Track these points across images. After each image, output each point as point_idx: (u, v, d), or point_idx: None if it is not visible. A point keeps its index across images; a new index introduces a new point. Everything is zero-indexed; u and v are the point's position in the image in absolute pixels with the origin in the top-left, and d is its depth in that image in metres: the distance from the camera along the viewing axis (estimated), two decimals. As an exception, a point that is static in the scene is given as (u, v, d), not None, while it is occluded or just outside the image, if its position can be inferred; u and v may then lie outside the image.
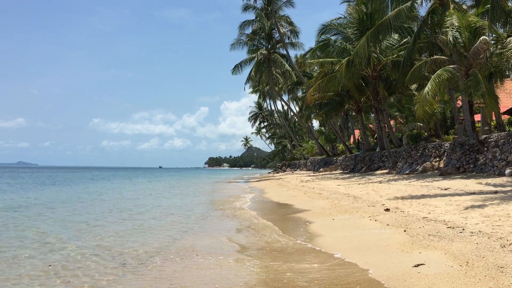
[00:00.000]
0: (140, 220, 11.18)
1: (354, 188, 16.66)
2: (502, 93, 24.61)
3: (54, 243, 7.81)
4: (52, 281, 5.44)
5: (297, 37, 48.63)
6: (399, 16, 21.33)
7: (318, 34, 28.63)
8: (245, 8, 47.82)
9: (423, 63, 19.00)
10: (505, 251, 5.18)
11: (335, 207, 11.60)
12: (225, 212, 12.86)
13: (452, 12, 17.88)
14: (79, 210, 13.75)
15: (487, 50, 16.71)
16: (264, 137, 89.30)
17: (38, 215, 12.10)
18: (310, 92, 28.75)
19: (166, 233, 9.04)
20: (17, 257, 6.68)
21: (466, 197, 10.09)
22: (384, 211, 9.57)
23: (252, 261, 6.28)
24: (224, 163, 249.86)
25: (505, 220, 6.88)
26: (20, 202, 16.40)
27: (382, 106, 26.87)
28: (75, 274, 5.73)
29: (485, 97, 15.51)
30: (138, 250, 7.16)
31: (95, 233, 9.01)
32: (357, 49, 22.40)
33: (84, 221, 10.96)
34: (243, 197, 18.95)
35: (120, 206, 15.33)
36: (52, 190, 24.70)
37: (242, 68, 48.87)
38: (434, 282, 4.48)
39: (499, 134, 16.62)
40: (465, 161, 17.77)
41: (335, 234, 7.88)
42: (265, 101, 71.18)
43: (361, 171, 28.98)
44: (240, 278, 5.42)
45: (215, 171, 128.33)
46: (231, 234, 8.77)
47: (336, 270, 5.48)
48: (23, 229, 9.48)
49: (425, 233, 6.68)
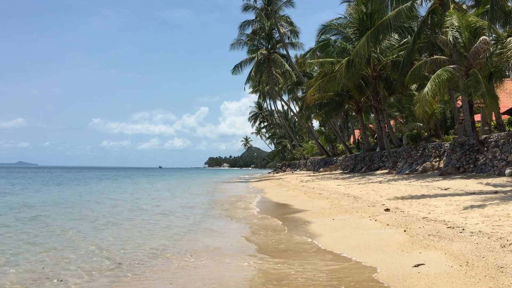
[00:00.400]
0: (140, 220, 11.19)
1: (354, 188, 16.66)
2: (502, 93, 24.60)
3: (60, 240, 7.83)
4: (48, 281, 5.44)
5: (297, 37, 48.71)
6: (399, 16, 21.34)
7: (318, 34, 28.67)
8: (245, 8, 47.86)
9: (423, 63, 19.00)
10: (505, 251, 5.18)
11: (335, 207, 11.60)
12: (225, 213, 12.86)
13: (452, 12, 17.88)
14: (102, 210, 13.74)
15: (487, 50, 16.72)
16: (264, 137, 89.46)
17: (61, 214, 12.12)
18: (310, 92, 28.76)
19: (166, 233, 9.05)
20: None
21: (466, 197, 10.09)
22: (384, 211, 9.57)
23: (252, 259, 6.28)
24: (224, 163, 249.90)
25: (505, 220, 6.88)
26: (50, 201, 16.36)
27: (382, 106, 26.87)
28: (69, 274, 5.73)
29: (485, 97, 15.52)
30: (136, 252, 7.16)
31: (95, 234, 9.01)
32: (357, 49, 22.41)
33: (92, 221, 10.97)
34: (243, 197, 18.97)
35: (123, 206, 15.34)
36: (64, 190, 24.70)
37: (242, 68, 48.91)
38: (434, 282, 4.48)
39: (499, 134, 16.62)
40: (465, 161, 17.77)
41: (335, 234, 7.88)
42: (265, 101, 71.21)
43: (361, 171, 28.99)
44: (241, 277, 5.42)
45: (215, 171, 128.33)
46: (231, 234, 8.78)
47: (338, 269, 5.48)
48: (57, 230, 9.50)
49: (425, 233, 6.68)
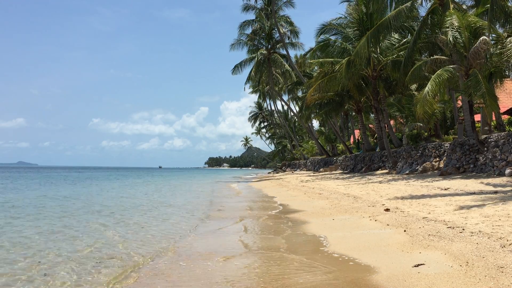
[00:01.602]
0: (138, 221, 11.18)
1: (354, 188, 16.66)
2: (502, 93, 24.63)
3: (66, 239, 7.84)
4: (44, 280, 5.44)
5: (297, 37, 48.73)
6: (399, 16, 21.35)
7: (318, 34, 28.69)
8: (245, 8, 47.88)
9: (423, 63, 19.00)
10: (505, 251, 5.18)
11: (335, 207, 11.60)
12: (224, 213, 12.85)
13: (452, 12, 17.88)
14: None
15: (487, 50, 16.72)
16: (264, 137, 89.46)
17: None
18: (310, 92, 28.76)
19: (165, 233, 9.05)
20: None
21: (466, 197, 10.09)
22: (384, 211, 9.57)
23: (249, 260, 6.28)
24: (224, 163, 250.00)
25: (505, 220, 6.88)
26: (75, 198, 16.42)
27: (382, 106, 26.87)
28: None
29: (485, 97, 15.52)
30: (136, 251, 7.17)
31: (94, 234, 9.01)
32: (357, 49, 22.42)
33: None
34: (243, 197, 18.96)
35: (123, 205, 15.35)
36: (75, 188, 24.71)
37: (242, 68, 48.96)
38: (434, 282, 4.47)
39: (499, 134, 16.62)
40: (465, 161, 17.77)
41: (335, 234, 7.87)
42: (265, 101, 71.23)
43: (361, 171, 28.98)
44: (237, 277, 5.42)
45: (215, 171, 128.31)
46: (230, 234, 8.77)
47: (337, 269, 5.48)
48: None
49: (425, 233, 6.67)
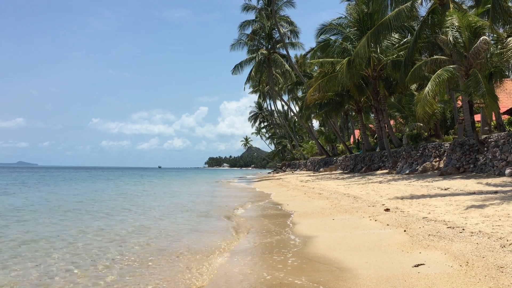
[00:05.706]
0: (137, 220, 11.18)
1: (354, 188, 16.65)
2: (502, 93, 24.65)
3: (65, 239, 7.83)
4: (43, 279, 5.45)
5: (297, 37, 48.75)
6: (399, 16, 21.34)
7: (318, 34, 28.69)
8: (245, 8, 47.92)
9: (423, 63, 19.00)
10: (505, 251, 5.18)
11: (335, 207, 11.59)
12: (224, 213, 12.85)
13: (452, 12, 17.87)
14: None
15: (487, 50, 16.70)
16: (264, 137, 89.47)
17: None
18: (310, 92, 28.76)
19: (166, 233, 9.05)
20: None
21: (466, 197, 10.09)
22: (384, 211, 9.56)
23: (246, 259, 6.28)
24: (224, 163, 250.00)
25: (505, 220, 6.87)
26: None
27: (382, 106, 26.87)
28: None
29: (485, 97, 15.51)
30: (136, 249, 7.16)
31: (93, 232, 9.01)
32: (357, 50, 22.42)
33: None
34: (243, 197, 18.95)
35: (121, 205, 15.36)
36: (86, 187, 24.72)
37: (242, 68, 48.95)
38: (434, 282, 4.47)
39: (499, 134, 16.61)
40: (465, 161, 17.76)
41: (335, 234, 7.87)
42: (265, 101, 71.28)
43: (361, 171, 28.98)
44: (236, 277, 5.42)
45: (215, 171, 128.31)
46: (229, 234, 8.77)
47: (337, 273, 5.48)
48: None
49: (425, 233, 6.67)
